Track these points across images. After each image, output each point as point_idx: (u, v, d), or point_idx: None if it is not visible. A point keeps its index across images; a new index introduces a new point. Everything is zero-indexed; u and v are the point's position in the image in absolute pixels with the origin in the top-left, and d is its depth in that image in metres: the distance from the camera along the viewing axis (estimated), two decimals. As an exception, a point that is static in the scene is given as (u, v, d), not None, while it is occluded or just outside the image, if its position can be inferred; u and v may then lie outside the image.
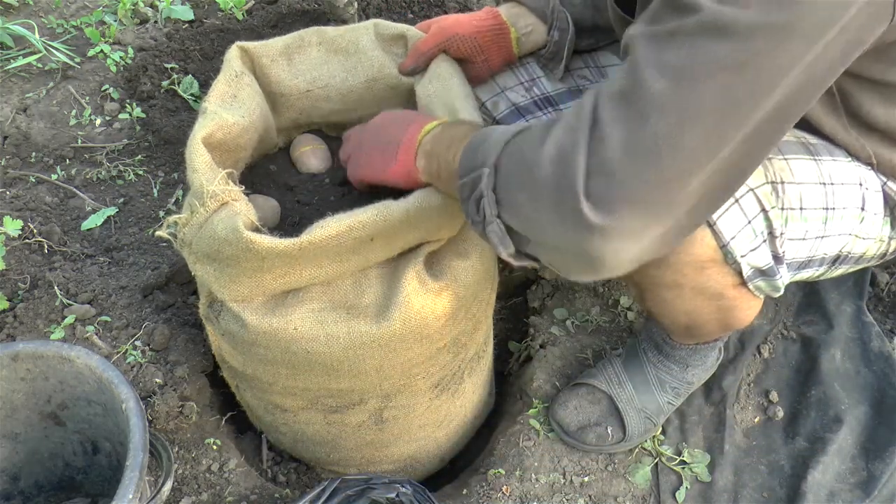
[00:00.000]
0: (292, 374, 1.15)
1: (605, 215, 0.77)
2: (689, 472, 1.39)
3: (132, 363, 1.35)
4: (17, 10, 2.16)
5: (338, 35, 1.27)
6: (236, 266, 1.02)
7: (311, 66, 1.27)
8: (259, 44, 1.24)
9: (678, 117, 0.76)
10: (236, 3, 2.14)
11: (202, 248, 1.03)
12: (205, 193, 1.01)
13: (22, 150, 1.81)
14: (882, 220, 1.13)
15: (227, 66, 1.20)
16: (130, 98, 1.96)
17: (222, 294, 1.08)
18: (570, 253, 0.83)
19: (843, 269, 1.19)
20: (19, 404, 1.18)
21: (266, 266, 1.02)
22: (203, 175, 1.03)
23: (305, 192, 1.24)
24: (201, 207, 1.01)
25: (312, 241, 0.99)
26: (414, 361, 1.15)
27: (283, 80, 1.25)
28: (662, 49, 0.77)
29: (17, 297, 1.46)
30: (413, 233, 1.08)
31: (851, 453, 1.41)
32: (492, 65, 1.33)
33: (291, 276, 1.05)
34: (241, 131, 1.15)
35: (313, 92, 1.27)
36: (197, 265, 1.07)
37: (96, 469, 1.27)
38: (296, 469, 1.42)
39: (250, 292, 1.07)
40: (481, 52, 1.29)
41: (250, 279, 1.04)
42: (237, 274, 1.04)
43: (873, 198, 1.11)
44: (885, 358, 1.51)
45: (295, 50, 1.26)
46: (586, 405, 1.38)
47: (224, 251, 1.00)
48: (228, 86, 1.17)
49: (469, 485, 1.37)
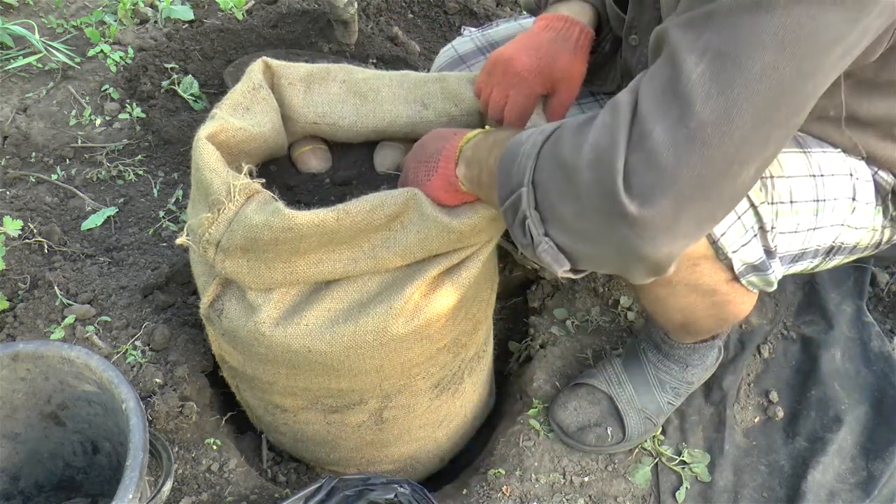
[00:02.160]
0: (292, 373, 1.15)
1: (647, 205, 0.74)
2: (689, 472, 1.39)
3: (132, 363, 1.35)
4: (17, 10, 2.16)
5: (363, 78, 1.25)
6: (273, 250, 1.03)
7: (325, 101, 1.25)
8: (283, 64, 1.23)
9: (726, 103, 0.73)
10: (236, 3, 2.15)
11: (235, 241, 1.03)
12: (231, 188, 1.02)
13: (22, 150, 1.81)
14: (874, 209, 1.13)
15: (247, 77, 1.19)
16: (130, 98, 1.96)
17: (255, 283, 1.08)
18: (627, 257, 0.79)
19: (839, 259, 1.19)
20: (19, 404, 1.18)
21: (303, 248, 1.02)
22: (222, 172, 1.04)
23: (305, 192, 1.24)
24: (229, 203, 1.02)
25: (349, 211, 1.00)
26: (414, 361, 1.15)
27: (295, 106, 1.24)
28: (700, 33, 0.74)
29: (17, 297, 1.46)
30: (446, 234, 1.06)
31: (851, 453, 1.41)
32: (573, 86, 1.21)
33: (324, 264, 1.05)
34: (246, 137, 1.14)
35: (320, 126, 1.26)
36: (227, 262, 1.06)
37: (96, 469, 1.27)
38: (296, 469, 1.42)
39: (284, 279, 1.07)
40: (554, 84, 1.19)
41: (285, 264, 1.04)
42: (272, 259, 1.04)
43: (864, 187, 1.10)
44: (885, 358, 1.52)
45: (317, 80, 1.25)
46: (586, 405, 1.38)
47: (262, 237, 1.00)
48: (244, 97, 1.17)
49: (469, 485, 1.37)
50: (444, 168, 1.04)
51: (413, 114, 1.25)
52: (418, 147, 1.12)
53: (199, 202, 1.09)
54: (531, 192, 0.84)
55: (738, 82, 0.73)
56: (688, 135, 0.73)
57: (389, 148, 1.28)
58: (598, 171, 0.76)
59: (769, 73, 0.73)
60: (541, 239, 0.85)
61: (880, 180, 1.12)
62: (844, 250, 1.16)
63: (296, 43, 2.09)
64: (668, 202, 0.74)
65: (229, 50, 2.08)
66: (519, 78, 1.15)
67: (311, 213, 0.99)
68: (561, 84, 1.18)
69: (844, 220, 1.10)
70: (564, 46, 1.17)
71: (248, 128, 1.14)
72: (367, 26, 2.16)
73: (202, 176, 1.04)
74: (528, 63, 1.15)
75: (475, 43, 1.45)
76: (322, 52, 2.04)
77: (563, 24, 1.18)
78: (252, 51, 2.06)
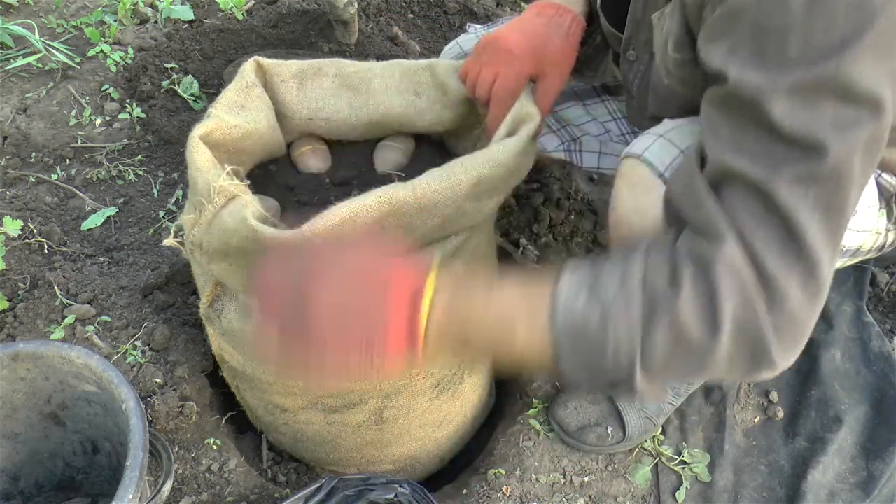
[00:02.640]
0: (292, 374, 1.15)
1: (792, 353, 0.79)
2: (689, 472, 1.39)
3: (132, 363, 1.35)
4: (17, 10, 2.16)
5: (353, 71, 1.25)
6: (245, 258, 1.00)
7: (318, 96, 1.25)
8: (274, 62, 1.23)
9: (833, 247, 0.77)
10: (236, 3, 2.15)
11: (213, 244, 1.02)
12: (212, 190, 1.00)
13: (22, 150, 1.81)
14: (877, 212, 1.13)
15: (240, 76, 1.19)
16: (130, 98, 1.96)
17: (240, 287, 1.07)
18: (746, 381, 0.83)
19: (841, 262, 1.19)
20: (19, 404, 1.18)
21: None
22: (207, 172, 1.02)
23: (305, 192, 1.24)
24: (209, 205, 1.00)
25: (316, 231, 0.93)
26: (414, 361, 1.15)
27: (289, 103, 1.24)
28: (807, 190, 0.75)
29: (17, 297, 1.46)
30: (429, 219, 1.00)
31: (851, 453, 1.41)
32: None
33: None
34: (242, 135, 1.14)
35: (314, 122, 1.26)
36: (212, 265, 1.05)
37: (96, 469, 1.27)
38: (296, 469, 1.42)
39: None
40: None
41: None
42: (248, 266, 1.02)
43: (867, 191, 1.10)
44: (885, 358, 1.52)
45: (309, 76, 1.25)
46: (586, 405, 1.38)
47: (232, 242, 0.98)
48: (237, 95, 1.17)
49: (469, 485, 1.37)
50: (395, 349, 0.78)
51: (406, 103, 1.25)
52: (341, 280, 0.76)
53: (190, 201, 1.09)
54: (643, 375, 0.79)
55: (841, 226, 0.78)
56: (817, 290, 0.77)
57: (389, 148, 1.28)
58: (742, 339, 0.77)
59: (857, 190, 0.78)
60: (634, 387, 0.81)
61: (884, 183, 1.12)
62: (847, 253, 1.16)
63: (296, 43, 2.09)
64: (801, 342, 0.79)
65: (229, 50, 2.08)
66: (510, 56, 1.13)
67: (276, 232, 0.93)
68: (550, 68, 1.16)
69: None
70: (556, 31, 1.16)
71: (243, 125, 1.14)
72: (367, 26, 2.16)
73: (190, 175, 1.04)
74: (520, 41, 1.14)
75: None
76: (322, 52, 2.04)
77: (554, 11, 1.18)
78: (252, 51, 2.06)
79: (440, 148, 1.32)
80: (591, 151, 1.49)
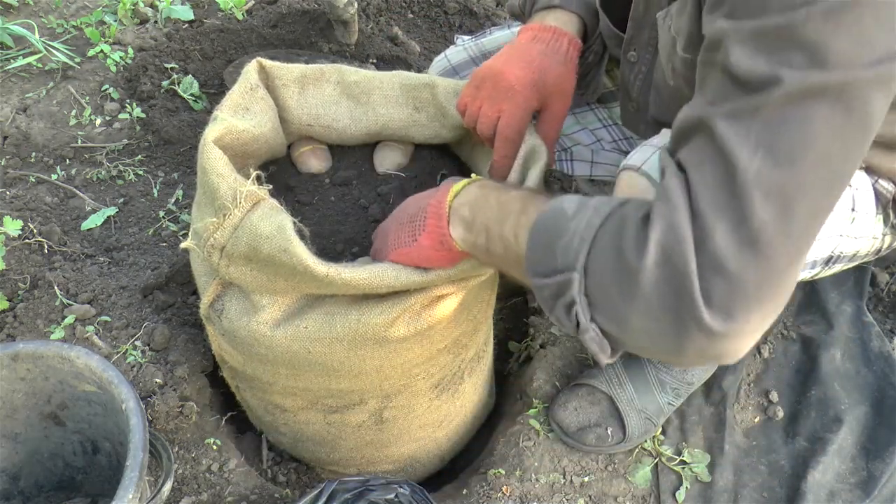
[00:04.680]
0: (292, 374, 1.15)
1: (728, 320, 0.72)
2: (689, 472, 1.39)
3: (132, 363, 1.35)
4: (17, 10, 2.16)
5: (355, 81, 1.25)
6: (273, 265, 1.01)
7: (319, 102, 1.25)
8: (277, 65, 1.23)
9: (784, 200, 0.71)
10: (236, 3, 2.15)
11: (239, 248, 1.02)
12: (238, 194, 1.00)
13: (22, 150, 1.81)
14: (874, 217, 1.13)
15: (243, 77, 1.19)
16: (130, 98, 1.96)
17: (258, 290, 1.07)
18: (685, 354, 0.77)
19: (838, 267, 1.19)
20: (19, 404, 1.18)
21: (298, 279, 1.01)
22: (227, 178, 1.02)
23: (305, 192, 1.24)
24: (234, 209, 1.00)
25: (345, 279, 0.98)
26: (414, 362, 1.15)
27: (290, 107, 1.24)
28: (748, 126, 0.72)
29: (17, 297, 1.46)
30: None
31: (851, 453, 1.41)
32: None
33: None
34: (251, 139, 1.14)
35: (314, 128, 1.26)
36: (231, 268, 1.05)
37: (96, 469, 1.27)
38: (296, 469, 1.42)
39: (286, 290, 1.06)
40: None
41: (286, 282, 1.03)
42: (273, 274, 1.03)
43: (863, 197, 1.10)
44: (885, 358, 1.52)
45: (311, 81, 1.24)
46: (586, 406, 1.38)
47: (263, 249, 0.99)
48: (242, 98, 1.17)
49: (469, 485, 1.37)
50: (433, 226, 0.97)
51: (406, 116, 1.25)
52: (398, 211, 1.07)
53: (205, 206, 1.08)
54: (583, 279, 0.79)
55: (793, 178, 0.71)
56: (750, 237, 0.71)
57: (389, 148, 1.28)
58: (668, 273, 0.73)
59: (822, 163, 0.71)
60: (588, 325, 0.81)
61: (881, 188, 1.12)
62: (844, 259, 1.16)
63: (296, 43, 2.09)
64: (743, 315, 0.73)
65: (229, 50, 2.08)
66: (512, 91, 1.11)
67: (308, 257, 0.96)
68: (553, 97, 1.16)
69: (843, 231, 1.10)
70: (555, 59, 1.15)
71: (251, 129, 1.14)
72: (367, 26, 2.16)
73: (209, 180, 1.03)
74: (522, 76, 1.12)
75: (468, 53, 1.44)
76: (322, 52, 2.04)
77: (551, 36, 1.16)
78: (252, 51, 2.06)
79: (440, 148, 1.32)
80: (583, 161, 1.48)
